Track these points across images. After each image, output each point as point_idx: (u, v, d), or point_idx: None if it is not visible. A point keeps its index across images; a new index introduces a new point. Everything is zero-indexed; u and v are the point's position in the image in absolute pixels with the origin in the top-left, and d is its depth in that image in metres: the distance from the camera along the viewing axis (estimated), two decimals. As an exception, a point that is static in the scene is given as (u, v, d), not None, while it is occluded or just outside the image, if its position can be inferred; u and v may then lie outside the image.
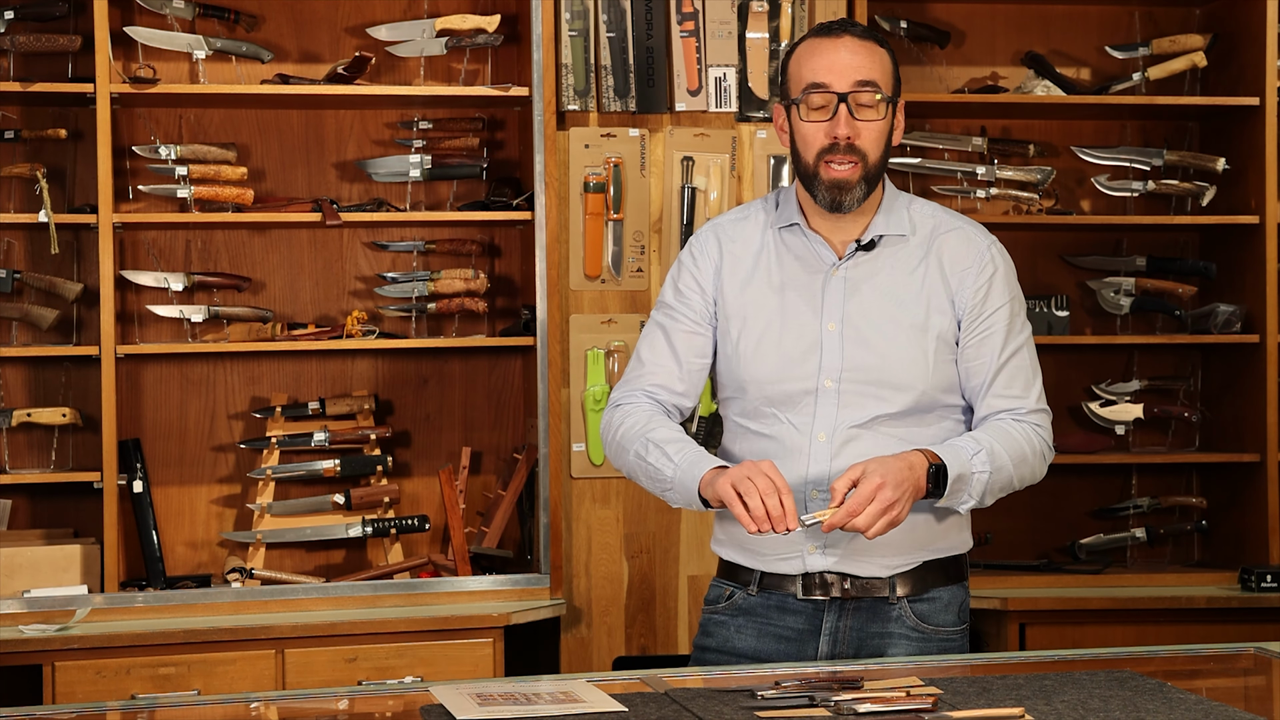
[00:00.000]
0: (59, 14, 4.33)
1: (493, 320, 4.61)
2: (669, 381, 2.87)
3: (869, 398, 2.75)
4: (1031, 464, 2.79)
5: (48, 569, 4.16)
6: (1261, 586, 4.46)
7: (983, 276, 2.80)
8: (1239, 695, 2.68)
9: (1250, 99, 4.64)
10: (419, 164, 4.49)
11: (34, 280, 4.36)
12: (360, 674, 4.07)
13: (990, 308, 2.79)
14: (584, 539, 4.53)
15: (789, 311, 2.80)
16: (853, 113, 2.72)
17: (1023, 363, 2.82)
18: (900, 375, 2.76)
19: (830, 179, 2.73)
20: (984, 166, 4.75)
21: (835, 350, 2.77)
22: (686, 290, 2.87)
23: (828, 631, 2.80)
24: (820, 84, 2.72)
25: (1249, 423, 4.67)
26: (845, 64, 2.73)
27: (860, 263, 2.80)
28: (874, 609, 2.79)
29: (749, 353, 2.81)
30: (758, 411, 2.81)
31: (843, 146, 2.71)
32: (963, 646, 2.85)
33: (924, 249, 2.81)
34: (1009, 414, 2.79)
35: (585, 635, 4.52)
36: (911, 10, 4.79)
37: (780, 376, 2.78)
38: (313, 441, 4.47)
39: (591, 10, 4.56)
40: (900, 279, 2.79)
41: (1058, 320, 4.77)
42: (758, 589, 2.83)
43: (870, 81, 2.73)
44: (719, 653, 2.86)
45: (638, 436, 2.79)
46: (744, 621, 2.85)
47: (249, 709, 2.56)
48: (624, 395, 2.89)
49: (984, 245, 2.83)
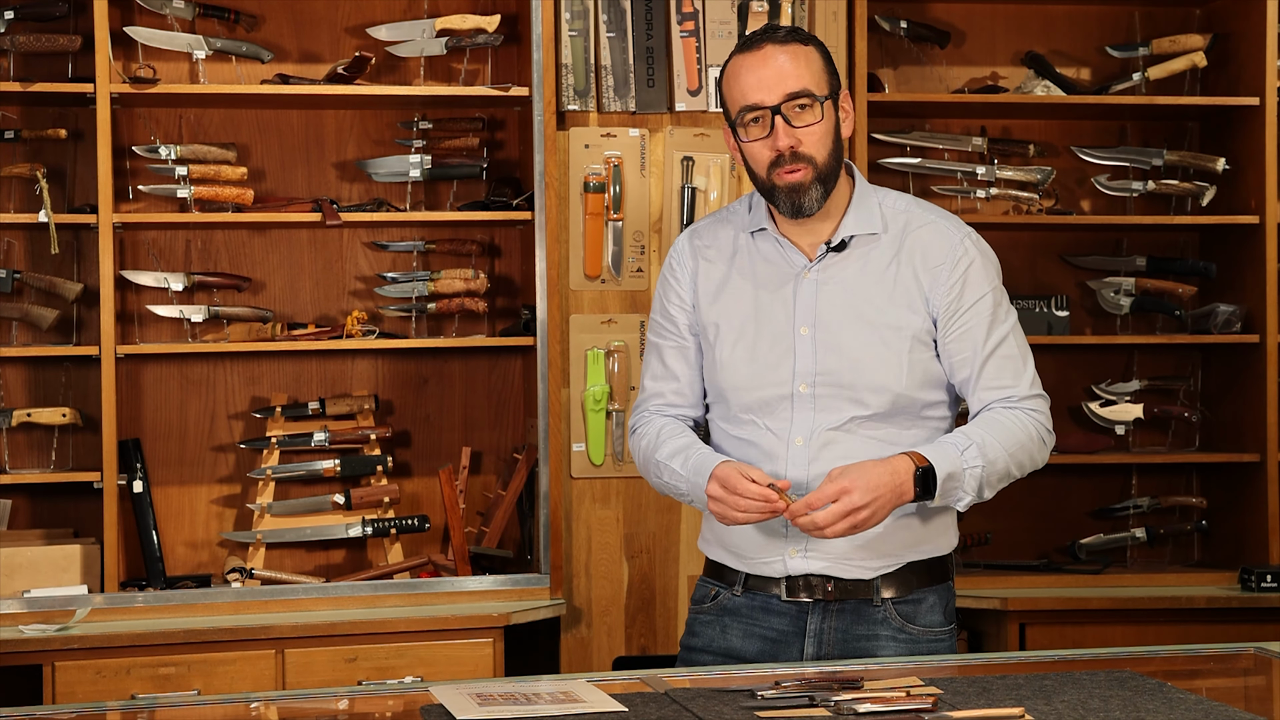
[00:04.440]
0: (59, 14, 4.33)
1: (493, 320, 4.61)
2: (672, 400, 2.94)
3: (844, 400, 2.76)
4: (1030, 450, 2.77)
5: (48, 569, 4.16)
6: (1261, 586, 4.46)
7: (957, 271, 2.78)
8: (1239, 695, 2.68)
9: (1250, 99, 4.64)
10: (419, 164, 4.49)
11: (34, 280, 4.36)
12: (360, 674, 4.07)
13: (968, 301, 2.77)
14: (584, 539, 4.53)
15: (762, 317, 2.81)
16: (789, 122, 2.71)
17: (1010, 351, 2.80)
18: (874, 377, 2.75)
19: (785, 185, 2.73)
20: (984, 166, 4.75)
21: (808, 355, 2.77)
22: (669, 306, 2.92)
23: (812, 633, 2.79)
24: (751, 104, 2.72)
25: (1249, 423, 4.67)
26: (771, 77, 2.71)
27: (831, 264, 2.80)
28: (859, 611, 2.79)
29: (725, 360, 2.83)
30: (737, 418, 2.83)
31: (788, 157, 2.72)
32: (951, 647, 2.85)
33: (896, 245, 2.80)
34: (1001, 403, 2.79)
35: (585, 635, 4.52)
36: (911, 10, 4.79)
37: (755, 383, 2.80)
38: (313, 441, 4.47)
39: (591, 10, 4.56)
40: (872, 279, 2.79)
41: (1058, 320, 4.77)
42: (743, 590, 2.84)
43: (799, 90, 2.71)
44: (705, 652, 2.87)
45: (652, 461, 2.89)
46: (729, 621, 2.85)
47: (249, 709, 2.56)
48: (636, 420, 2.98)
49: (957, 239, 2.80)
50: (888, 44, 4.79)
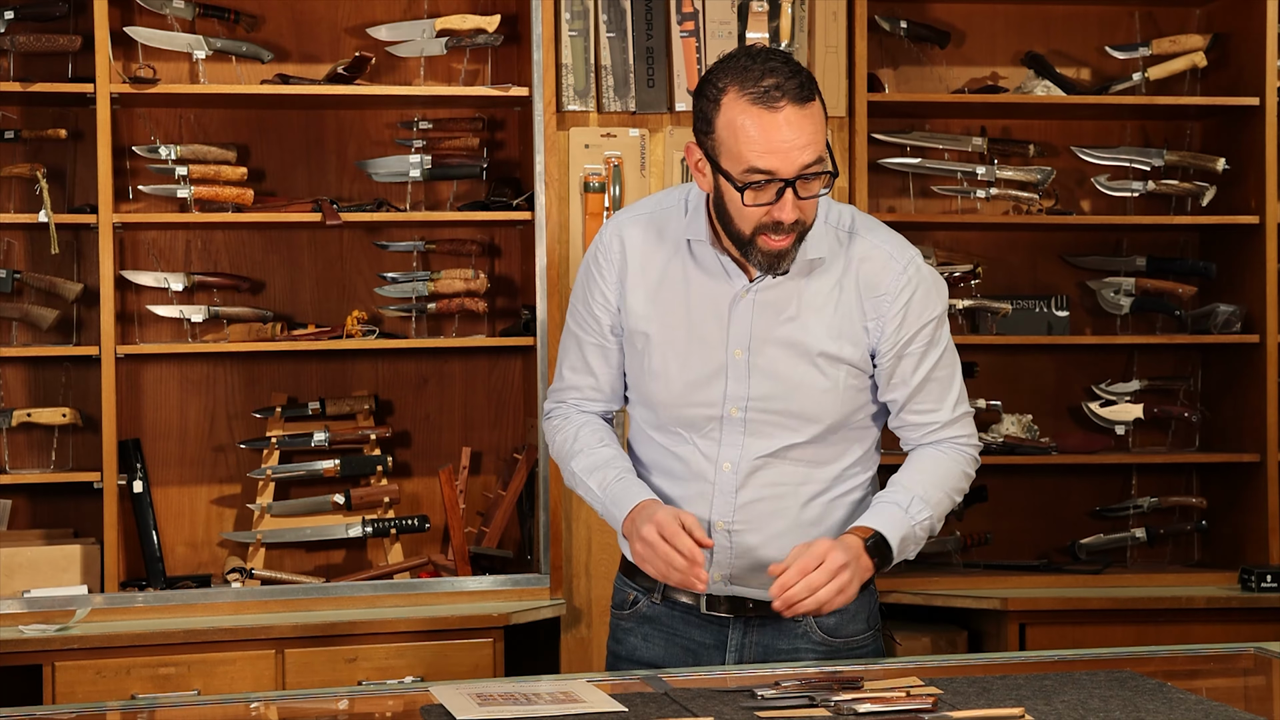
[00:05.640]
0: (59, 14, 4.33)
1: (493, 320, 4.61)
2: (590, 395, 2.84)
3: (777, 427, 2.68)
4: (960, 483, 2.76)
5: (48, 569, 4.16)
6: (1261, 586, 4.46)
7: (899, 302, 2.67)
8: (1239, 695, 2.68)
9: (1250, 99, 4.64)
10: (419, 164, 4.49)
11: (34, 280, 4.36)
12: (360, 674, 4.07)
13: (907, 332, 2.68)
14: (584, 539, 4.53)
15: (695, 332, 2.68)
16: (798, 195, 2.52)
17: (940, 374, 2.73)
18: (809, 407, 2.67)
19: (768, 250, 2.57)
20: (984, 166, 4.75)
21: (741, 379, 2.67)
22: (593, 304, 2.76)
23: (734, 647, 2.76)
24: (764, 170, 2.50)
25: (1249, 423, 4.67)
26: (790, 145, 2.49)
27: (771, 286, 2.65)
28: (780, 625, 2.73)
29: (655, 371, 2.72)
30: (664, 428, 2.75)
31: (786, 227, 2.54)
32: (876, 649, 2.80)
33: (841, 273, 2.67)
34: (924, 430, 2.75)
35: (585, 635, 4.51)
36: (911, 10, 4.79)
37: (685, 401, 2.70)
38: (313, 442, 4.47)
39: (591, 10, 4.56)
40: (813, 305, 2.66)
41: (1058, 320, 4.77)
42: (661, 599, 2.79)
43: (814, 160, 2.51)
44: (629, 661, 2.81)
45: (566, 466, 2.82)
46: (650, 630, 2.80)
47: (249, 709, 2.56)
48: (552, 405, 2.89)
49: (899, 267, 2.67)
50: (888, 44, 4.79)
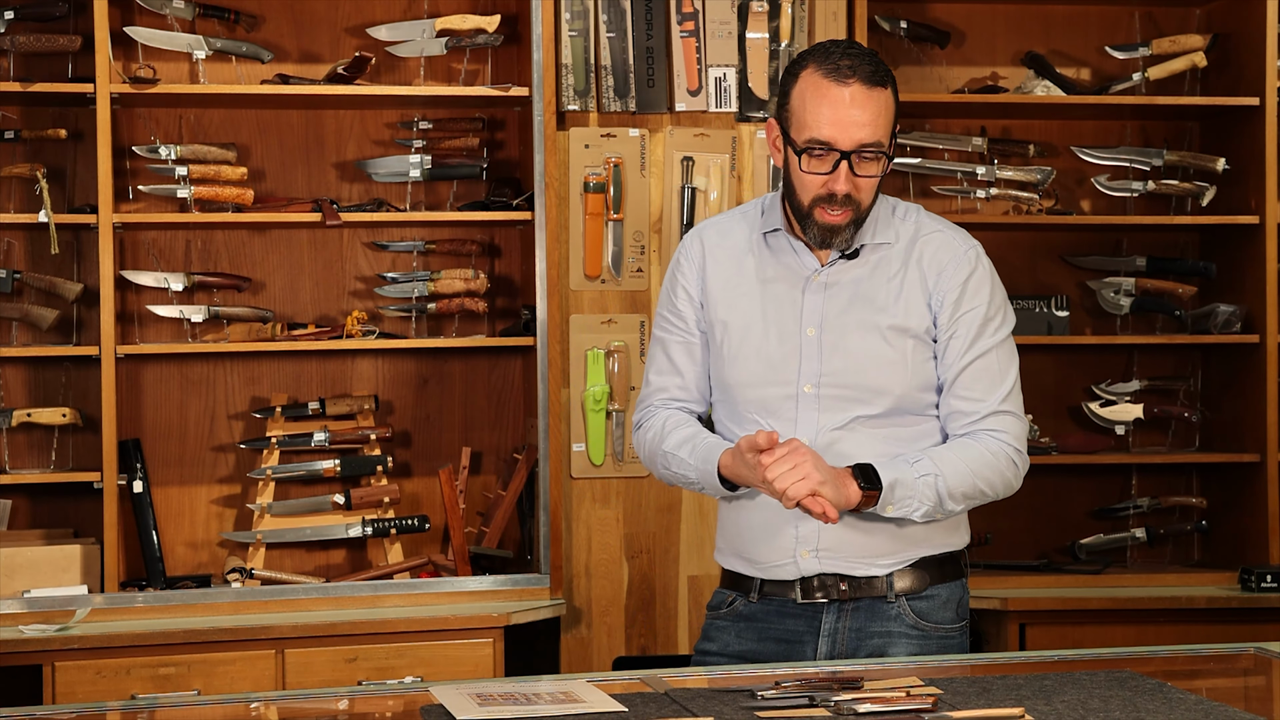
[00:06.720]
0: (59, 14, 4.33)
1: (493, 320, 4.61)
2: (677, 395, 2.95)
3: (849, 401, 2.79)
4: (998, 466, 2.78)
5: (48, 569, 4.16)
6: (1261, 586, 4.46)
7: (958, 276, 2.80)
8: (1239, 695, 2.68)
9: (1250, 99, 4.64)
10: (419, 164, 4.49)
11: (34, 280, 4.36)
12: (360, 674, 4.07)
13: (963, 308, 2.80)
14: (584, 539, 4.53)
15: (770, 316, 2.84)
16: (854, 170, 2.71)
17: (989, 365, 2.80)
18: (878, 379, 2.78)
19: (823, 223, 2.75)
20: (984, 166, 4.75)
21: (814, 356, 2.80)
22: (676, 300, 2.93)
23: (826, 633, 2.82)
24: (823, 140, 2.70)
25: (1249, 423, 4.67)
26: (852, 121, 2.69)
27: (841, 269, 2.82)
28: (872, 609, 2.81)
29: (731, 356, 2.85)
30: (741, 415, 2.86)
31: (840, 200, 2.72)
32: (962, 644, 2.87)
33: (905, 254, 2.83)
34: (966, 419, 2.79)
35: (585, 635, 4.51)
36: (911, 10, 4.79)
37: (761, 381, 2.82)
38: (313, 442, 4.47)
39: (591, 10, 4.56)
40: (880, 284, 2.81)
41: (1058, 320, 4.77)
42: (759, 596, 2.86)
43: (873, 142, 2.70)
44: (719, 655, 2.89)
45: (659, 452, 2.91)
46: (744, 626, 2.88)
47: (249, 709, 2.56)
48: (641, 415, 3.00)
49: (963, 249, 2.84)
50: (888, 44, 4.79)
